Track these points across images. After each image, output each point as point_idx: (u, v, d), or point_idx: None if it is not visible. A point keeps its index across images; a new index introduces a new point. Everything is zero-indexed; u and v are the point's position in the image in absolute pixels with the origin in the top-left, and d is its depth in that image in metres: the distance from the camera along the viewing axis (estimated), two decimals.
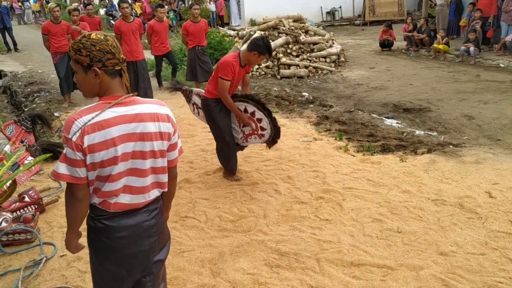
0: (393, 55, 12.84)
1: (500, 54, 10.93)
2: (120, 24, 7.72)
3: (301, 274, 3.16)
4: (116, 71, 1.91)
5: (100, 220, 1.97)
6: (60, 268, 3.37)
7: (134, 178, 1.95)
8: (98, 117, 1.83)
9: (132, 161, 1.92)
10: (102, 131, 1.82)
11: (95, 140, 1.81)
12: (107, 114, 1.84)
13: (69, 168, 1.84)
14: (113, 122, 1.84)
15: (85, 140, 1.80)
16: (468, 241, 3.45)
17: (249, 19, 17.88)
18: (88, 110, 1.85)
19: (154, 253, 2.11)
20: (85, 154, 1.82)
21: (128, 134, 1.87)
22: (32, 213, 3.93)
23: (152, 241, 2.06)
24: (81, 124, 1.80)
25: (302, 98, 8.10)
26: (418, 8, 19.18)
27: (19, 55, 15.35)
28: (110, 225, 1.96)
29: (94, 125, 1.81)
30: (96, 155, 1.82)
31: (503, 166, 4.76)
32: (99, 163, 1.84)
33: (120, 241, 1.98)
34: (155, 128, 1.94)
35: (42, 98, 8.97)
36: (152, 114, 1.94)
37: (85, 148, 1.81)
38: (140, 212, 2.01)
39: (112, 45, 1.88)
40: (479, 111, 6.87)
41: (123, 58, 1.91)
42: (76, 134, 1.79)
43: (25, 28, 25.11)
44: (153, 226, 2.05)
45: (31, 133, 6.10)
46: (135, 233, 2.00)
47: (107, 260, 2.03)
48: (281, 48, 10.49)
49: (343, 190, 4.39)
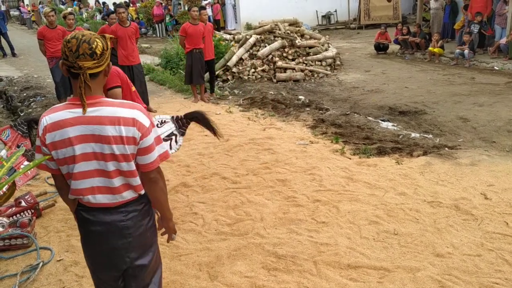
0: (388, 58, 12.90)
1: (494, 56, 11.00)
2: (117, 28, 7.73)
3: (298, 276, 3.17)
4: (73, 73, 1.90)
5: (80, 211, 2.09)
6: (57, 273, 3.36)
7: (101, 179, 1.99)
8: (59, 116, 1.92)
9: (96, 162, 1.96)
10: (60, 130, 1.91)
11: (56, 138, 1.93)
12: (66, 114, 1.92)
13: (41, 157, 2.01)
14: (70, 123, 1.91)
15: (47, 137, 1.93)
16: (464, 242, 3.47)
17: (245, 23, 17.91)
18: (54, 109, 1.96)
19: (129, 255, 2.11)
20: (50, 150, 1.96)
21: (85, 135, 1.91)
22: (28, 218, 3.92)
23: (126, 242, 2.07)
24: (45, 122, 1.93)
25: (298, 102, 8.13)
26: (413, 12, 19.27)
27: (15, 60, 15.33)
28: (87, 217, 2.07)
29: (54, 124, 1.92)
30: (58, 152, 1.95)
31: (498, 168, 4.79)
32: (62, 160, 1.96)
33: (94, 235, 2.08)
34: (115, 132, 1.91)
35: (38, 102, 8.96)
36: (113, 117, 1.91)
37: (48, 145, 1.94)
38: (116, 211, 2.05)
39: (70, 48, 1.85)
40: (474, 114, 6.91)
41: (79, 65, 1.85)
42: (41, 131, 1.95)
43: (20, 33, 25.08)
44: (129, 227, 2.07)
45: (27, 138, 6.08)
46: (109, 230, 2.05)
47: (85, 249, 2.18)
48: (277, 52, 10.52)
49: (339, 193, 4.40)
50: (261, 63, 10.39)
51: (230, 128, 6.70)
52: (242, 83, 9.96)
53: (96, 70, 1.90)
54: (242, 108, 7.96)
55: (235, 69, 10.36)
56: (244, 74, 10.31)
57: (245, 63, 10.54)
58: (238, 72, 10.33)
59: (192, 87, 8.65)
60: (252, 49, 10.75)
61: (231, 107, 8.00)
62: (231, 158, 5.51)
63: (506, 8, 10.86)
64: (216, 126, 3.89)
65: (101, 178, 1.98)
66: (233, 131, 6.53)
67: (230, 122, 7.09)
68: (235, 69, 10.36)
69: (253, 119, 7.22)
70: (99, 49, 1.89)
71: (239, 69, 10.37)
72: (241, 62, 10.57)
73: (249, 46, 10.69)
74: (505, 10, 10.87)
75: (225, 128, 6.71)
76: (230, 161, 5.40)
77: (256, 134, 6.34)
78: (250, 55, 10.71)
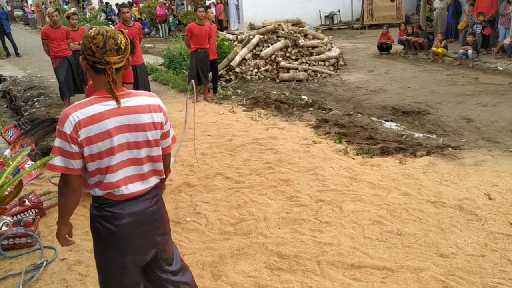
0: (391, 58, 12.88)
1: (498, 57, 10.96)
2: (120, 28, 7.74)
3: (301, 276, 3.16)
4: (98, 68, 1.96)
5: (105, 208, 2.06)
6: (61, 272, 3.37)
7: (133, 168, 2.06)
8: (93, 110, 1.93)
9: (129, 151, 2.03)
10: (97, 124, 1.92)
11: (92, 132, 1.92)
12: (101, 107, 1.95)
13: (64, 160, 1.94)
14: (108, 115, 1.95)
15: (81, 133, 1.90)
16: (468, 242, 3.46)
17: (248, 23, 17.92)
18: (82, 105, 1.95)
19: (157, 239, 2.21)
20: (82, 147, 1.93)
21: (123, 125, 1.98)
22: (32, 217, 3.94)
23: (154, 227, 2.17)
24: (76, 118, 1.90)
25: (301, 102, 8.12)
26: (417, 12, 19.24)
27: (19, 60, 15.38)
28: (115, 211, 2.06)
29: (89, 118, 1.91)
30: (93, 147, 1.93)
31: (502, 168, 4.77)
32: (96, 154, 1.95)
33: (124, 227, 2.07)
34: (148, 119, 2.04)
35: (42, 102, 8.98)
36: (145, 106, 2.04)
37: (82, 141, 1.91)
38: (143, 199, 2.12)
39: (97, 44, 1.91)
40: (478, 114, 6.89)
41: (106, 60, 1.93)
42: (71, 128, 1.89)
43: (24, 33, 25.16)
44: (154, 213, 2.17)
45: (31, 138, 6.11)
46: (138, 219, 2.10)
47: (111, 247, 2.11)
48: (280, 52, 10.52)
49: (343, 193, 4.40)
50: (264, 63, 10.39)
51: (233, 128, 6.70)
52: (245, 83, 9.96)
53: (120, 65, 1.99)
54: (245, 108, 7.96)
55: (238, 69, 10.36)
56: (247, 74, 10.31)
57: (248, 63, 10.54)
58: (241, 72, 10.34)
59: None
60: (255, 49, 10.75)
61: (234, 107, 8.01)
62: (234, 158, 5.51)
63: (510, 8, 10.83)
64: None
65: (132, 167, 2.06)
66: (236, 131, 6.53)
67: (233, 122, 7.09)
68: (238, 69, 10.36)
69: (256, 119, 7.22)
70: (123, 44, 1.98)
71: (242, 69, 10.38)
72: (244, 62, 10.58)
73: (252, 46, 10.69)
74: (508, 10, 10.83)
75: (228, 128, 6.72)
76: (233, 161, 5.40)
77: (259, 134, 6.34)
78: (253, 55, 10.71)
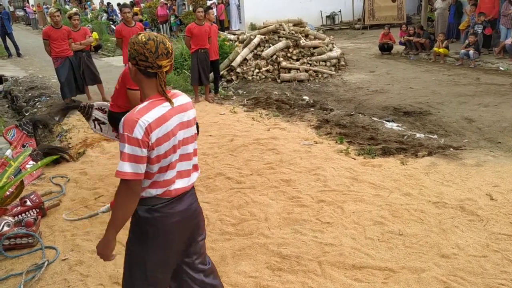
0: (393, 58, 12.87)
1: (499, 57, 10.95)
2: (122, 28, 7.76)
3: (303, 277, 3.16)
4: (150, 73, 2.03)
5: (157, 209, 2.10)
6: (62, 272, 3.38)
7: (185, 163, 2.17)
8: (157, 113, 1.99)
9: (183, 147, 2.14)
10: (163, 125, 2.00)
11: (160, 134, 1.99)
12: (162, 110, 2.02)
13: (133, 165, 1.94)
14: (170, 115, 2.04)
15: (152, 136, 1.96)
16: (469, 243, 3.46)
17: (249, 23, 17.91)
18: (144, 109, 1.99)
19: (198, 233, 2.32)
20: (151, 149, 1.98)
21: (181, 123, 2.10)
22: (33, 217, 3.94)
23: (196, 222, 2.28)
24: (146, 122, 1.94)
25: (302, 102, 8.12)
26: (418, 12, 19.21)
27: (20, 60, 15.40)
28: (167, 211, 2.11)
29: (156, 121, 1.98)
30: (161, 148, 2.00)
31: (504, 168, 4.76)
32: (163, 154, 2.02)
33: (174, 225, 2.14)
34: (192, 115, 2.19)
35: (43, 102, 8.98)
36: (187, 103, 2.18)
37: (153, 144, 1.97)
38: (187, 196, 2.20)
39: (149, 49, 1.99)
40: (479, 114, 6.88)
41: (159, 64, 2.01)
42: (142, 133, 1.93)
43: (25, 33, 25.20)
44: (196, 208, 2.28)
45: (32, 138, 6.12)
46: (185, 216, 2.19)
47: (158, 246, 2.14)
48: (281, 52, 10.52)
49: (344, 193, 4.40)
50: (265, 64, 10.39)
51: (234, 128, 6.70)
52: (247, 83, 9.96)
53: (168, 68, 2.08)
54: (246, 108, 7.96)
55: (239, 69, 10.36)
56: (248, 74, 10.31)
57: (249, 63, 10.54)
58: (242, 72, 10.33)
59: (194, 87, 8.64)
60: (256, 50, 10.75)
61: (236, 107, 8.01)
62: (236, 158, 5.51)
63: (511, 8, 10.81)
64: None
65: (184, 162, 2.16)
66: (238, 131, 6.53)
67: (235, 122, 7.09)
68: (239, 69, 10.36)
69: (258, 119, 7.21)
70: (171, 48, 2.07)
71: (244, 70, 10.37)
72: (245, 63, 10.57)
73: (253, 47, 10.69)
74: (510, 10, 10.81)
75: (230, 128, 6.72)
76: (235, 161, 5.40)
77: (260, 134, 6.34)
78: (254, 55, 10.71)
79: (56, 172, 5.37)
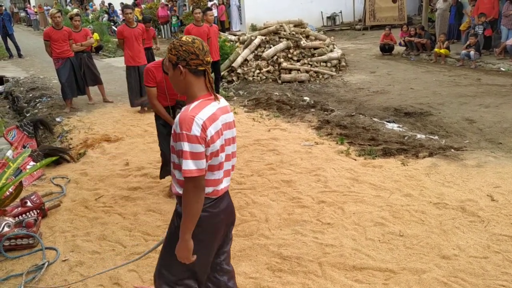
0: (393, 59, 12.86)
1: (500, 58, 10.94)
2: (123, 29, 7.77)
3: (303, 278, 3.16)
4: (200, 71, 2.07)
5: (204, 209, 2.11)
6: (62, 273, 3.37)
7: (228, 163, 2.22)
8: (209, 111, 2.04)
9: (226, 147, 2.18)
10: (214, 123, 2.05)
11: (212, 132, 2.03)
12: (212, 108, 2.07)
13: (195, 162, 1.98)
14: (218, 114, 2.09)
15: (208, 133, 2.00)
16: (470, 244, 3.45)
17: (250, 24, 17.92)
18: (198, 107, 2.03)
19: (231, 230, 2.40)
20: (207, 146, 2.01)
21: (226, 123, 2.16)
22: (34, 218, 3.94)
23: (233, 219, 2.36)
24: (201, 119, 1.98)
25: (303, 103, 8.11)
26: (419, 13, 19.21)
27: (21, 61, 15.42)
28: (212, 211, 2.16)
29: (209, 119, 2.02)
30: (214, 145, 2.05)
31: (505, 169, 4.76)
32: (215, 152, 2.07)
33: (218, 224, 2.21)
34: (232, 117, 2.25)
35: (44, 103, 8.99)
36: (227, 105, 2.24)
37: (209, 141, 2.01)
38: (226, 195, 2.27)
39: (198, 47, 2.05)
40: (480, 115, 6.87)
41: (207, 61, 2.08)
42: (199, 130, 1.96)
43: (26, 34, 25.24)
44: (232, 205, 2.34)
45: (33, 138, 6.13)
46: (226, 214, 2.25)
47: (203, 247, 2.18)
48: (282, 53, 10.52)
49: (344, 194, 4.39)
50: (266, 64, 10.39)
51: None
52: (247, 84, 9.96)
53: None
54: (247, 109, 7.96)
55: (240, 70, 10.36)
56: (249, 75, 10.31)
57: (250, 64, 10.54)
58: (243, 73, 10.34)
59: None
60: (257, 50, 10.75)
61: (236, 108, 8.00)
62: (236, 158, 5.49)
63: None
64: None
65: (227, 163, 2.21)
66: (238, 132, 6.52)
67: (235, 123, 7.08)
68: (240, 70, 10.36)
69: (258, 120, 7.21)
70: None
71: (244, 70, 10.38)
72: (246, 63, 10.58)
73: (254, 47, 10.69)
74: (511, 11, 10.81)
75: None
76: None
77: (261, 135, 6.34)
78: (255, 56, 10.71)
79: (56, 173, 5.37)
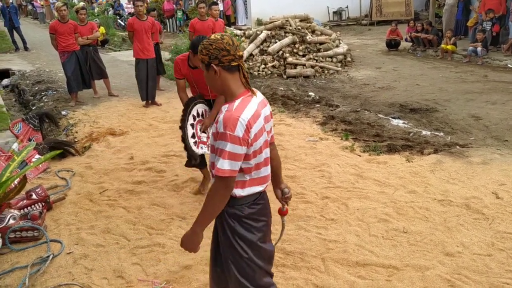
0: (400, 55, 12.79)
1: (508, 54, 10.85)
2: (134, 21, 7.79)
3: (306, 273, 3.16)
4: (234, 66, 2.04)
5: (257, 203, 2.18)
6: (67, 265, 3.40)
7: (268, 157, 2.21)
8: (251, 109, 2.02)
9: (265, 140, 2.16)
10: (258, 120, 2.04)
11: (256, 130, 2.03)
12: (254, 105, 2.05)
13: (231, 163, 1.98)
14: (259, 110, 2.08)
15: (251, 133, 2.00)
16: (474, 241, 3.44)
17: (256, 19, 17.88)
18: (241, 106, 2.00)
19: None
20: (250, 146, 2.01)
21: (265, 117, 2.14)
22: (39, 210, 3.96)
23: (270, 216, 2.33)
24: (245, 119, 1.97)
25: (308, 98, 8.09)
26: (426, 8, 19.07)
27: (27, 54, 15.46)
28: (262, 203, 2.21)
29: (253, 118, 2.01)
30: (257, 143, 2.05)
31: (510, 167, 4.73)
32: (258, 150, 2.07)
33: (261, 224, 2.22)
34: (269, 109, 2.22)
35: (50, 96, 9.03)
36: (264, 98, 2.21)
37: (251, 140, 2.01)
38: (264, 192, 2.26)
39: (228, 42, 2.02)
40: (487, 112, 6.83)
41: (239, 55, 2.05)
42: (243, 130, 1.96)
43: (32, 27, 25.29)
44: (268, 200, 2.32)
45: (39, 131, 6.16)
46: (267, 209, 2.28)
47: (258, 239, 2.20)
48: (287, 48, 10.48)
49: (349, 190, 4.38)
50: (271, 59, 10.36)
51: None
52: (252, 79, 9.94)
53: None
54: None
55: (245, 64, 10.34)
56: (254, 70, 10.30)
57: (255, 58, 10.52)
58: (248, 67, 10.32)
59: None
60: (262, 45, 10.72)
61: None
62: None
63: None
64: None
65: (267, 156, 2.19)
66: None
67: None
68: (245, 64, 10.34)
69: None
70: None
71: (250, 65, 10.36)
72: (251, 58, 10.56)
73: (259, 42, 10.66)
74: None
75: None
76: None
77: None
78: (260, 51, 10.69)
79: (61, 166, 5.40)
